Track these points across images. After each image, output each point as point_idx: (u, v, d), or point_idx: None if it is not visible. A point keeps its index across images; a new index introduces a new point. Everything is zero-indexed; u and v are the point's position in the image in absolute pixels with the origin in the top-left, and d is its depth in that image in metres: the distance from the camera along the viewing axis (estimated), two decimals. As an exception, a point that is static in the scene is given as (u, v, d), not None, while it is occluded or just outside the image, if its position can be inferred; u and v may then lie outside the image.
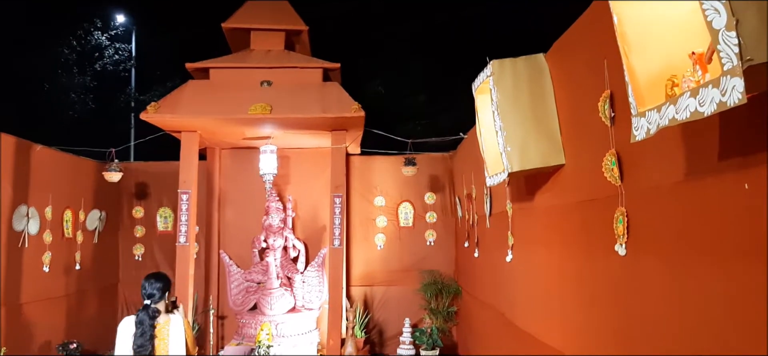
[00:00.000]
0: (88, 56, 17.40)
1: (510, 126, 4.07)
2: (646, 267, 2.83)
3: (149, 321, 4.08)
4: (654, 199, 2.76)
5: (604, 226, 3.25)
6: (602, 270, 3.34)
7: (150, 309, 4.13)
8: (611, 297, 3.24)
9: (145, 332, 4.04)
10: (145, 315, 4.09)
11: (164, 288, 4.24)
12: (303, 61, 7.76)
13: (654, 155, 2.72)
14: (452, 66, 12.78)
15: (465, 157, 7.92)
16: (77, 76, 16.97)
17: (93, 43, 17.65)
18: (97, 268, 9.08)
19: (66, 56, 16.78)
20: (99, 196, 9.09)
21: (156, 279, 4.24)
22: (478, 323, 7.34)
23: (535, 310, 4.75)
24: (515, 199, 5.24)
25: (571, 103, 3.82)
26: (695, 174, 2.36)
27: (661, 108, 2.03)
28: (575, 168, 3.81)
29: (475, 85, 4.67)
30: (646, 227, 2.85)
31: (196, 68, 7.67)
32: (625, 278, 3.05)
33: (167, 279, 4.33)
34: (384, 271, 9.47)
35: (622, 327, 3.10)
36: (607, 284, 3.29)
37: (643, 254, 2.86)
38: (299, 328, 8.21)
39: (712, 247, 2.25)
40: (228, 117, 7.14)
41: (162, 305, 4.22)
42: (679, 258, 2.52)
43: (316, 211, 9.09)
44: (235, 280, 8.64)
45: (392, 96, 13.62)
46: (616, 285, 3.16)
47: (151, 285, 4.19)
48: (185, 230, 7.61)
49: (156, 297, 4.17)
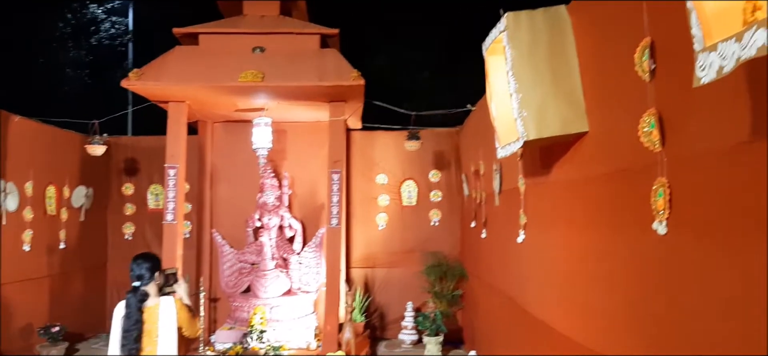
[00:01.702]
0: (84, 30, 17.02)
1: (526, 88, 3.56)
2: (693, 249, 2.32)
3: (137, 304, 3.84)
4: (704, 167, 2.24)
5: (638, 201, 2.74)
6: (635, 251, 2.83)
7: (138, 292, 3.88)
8: (647, 284, 2.73)
9: (131, 315, 3.83)
10: (133, 298, 3.84)
11: (154, 268, 3.97)
12: (299, 27, 7.22)
13: (706, 113, 2.21)
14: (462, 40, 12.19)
15: (473, 130, 7.41)
16: (72, 51, 16.60)
17: (88, 17, 17.27)
18: (83, 247, 8.64)
19: (61, 30, 16.40)
20: (85, 172, 8.62)
21: (144, 260, 3.98)
22: (485, 308, 6.87)
23: (551, 297, 4.26)
24: (529, 174, 4.73)
25: (599, 59, 3.30)
26: (760, 135, 1.85)
27: (742, 35, 1.51)
28: (602, 134, 3.29)
29: (486, 45, 4.15)
30: (693, 201, 2.34)
31: (185, 34, 7.15)
32: (665, 261, 2.55)
33: (156, 259, 4.09)
34: (386, 252, 9.01)
35: (660, 320, 2.60)
36: (641, 268, 2.78)
37: (689, 233, 2.35)
38: (295, 312, 7.76)
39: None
40: (217, 85, 6.62)
41: (152, 287, 3.95)
42: (735, 239, 2.02)
43: (315, 189, 8.60)
44: (227, 261, 8.18)
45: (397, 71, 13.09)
46: (654, 269, 2.66)
47: (139, 267, 3.93)
48: (173, 207, 7.12)
49: (145, 278, 3.91)
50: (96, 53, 16.84)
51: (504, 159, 5.34)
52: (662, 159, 2.53)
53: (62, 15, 16.47)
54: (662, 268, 2.58)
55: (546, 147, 4.09)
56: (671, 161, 2.49)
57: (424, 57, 13.43)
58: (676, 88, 2.42)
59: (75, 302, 8.40)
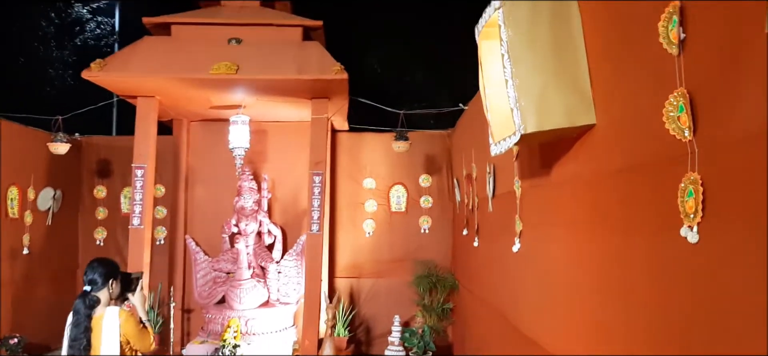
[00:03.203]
0: (68, 30, 16.56)
1: (524, 73, 3.04)
2: (733, 262, 1.81)
3: (85, 310, 3.65)
4: (748, 159, 1.73)
5: (661, 202, 2.23)
6: (658, 265, 2.31)
7: (87, 298, 3.69)
8: (673, 305, 2.21)
9: (80, 323, 3.62)
10: (81, 303, 3.67)
11: (109, 275, 3.79)
12: (279, 18, 6.71)
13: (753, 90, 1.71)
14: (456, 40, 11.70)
15: (465, 131, 6.91)
16: (55, 50, 16.13)
17: (73, 16, 16.82)
18: (50, 253, 8.07)
19: (44, 29, 15.93)
20: (53, 173, 8.06)
21: (99, 265, 3.83)
22: (477, 324, 6.34)
23: (549, 316, 3.75)
24: (525, 175, 4.22)
25: (611, 34, 2.79)
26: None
27: None
28: (614, 124, 2.78)
29: (479, 27, 3.64)
30: (733, 202, 1.84)
31: (156, 24, 6.64)
32: (696, 276, 2.04)
33: (114, 266, 3.86)
34: (373, 261, 8.46)
35: (689, 348, 2.09)
36: (665, 285, 2.27)
37: (728, 242, 1.85)
38: (273, 325, 7.21)
39: None
40: (186, 77, 6.09)
41: (104, 294, 3.75)
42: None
43: (297, 193, 8.07)
44: (201, 269, 7.64)
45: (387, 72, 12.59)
46: (682, 286, 2.14)
47: (92, 271, 3.79)
48: (139, 211, 6.60)
49: (98, 284, 3.74)
50: (80, 53, 16.31)
51: (498, 159, 4.86)
52: (693, 150, 2.02)
53: (46, 14, 16.00)
54: (692, 285, 2.07)
55: (546, 143, 3.59)
56: (705, 153, 1.98)
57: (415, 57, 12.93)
58: (713, 61, 1.92)
59: (40, 311, 7.81)
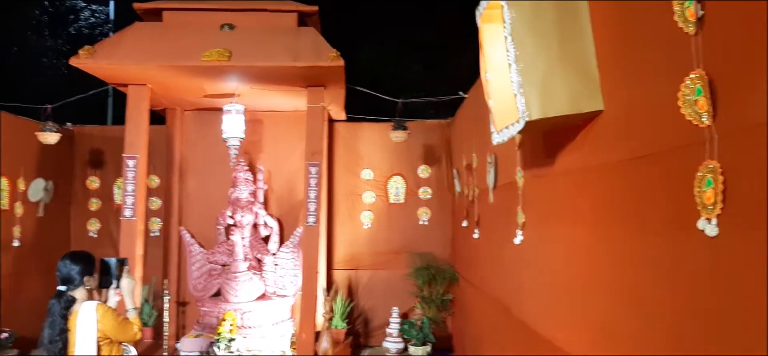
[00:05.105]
0: (62, 18, 16.37)
1: (528, 57, 2.88)
2: (755, 256, 1.66)
3: (61, 310, 3.39)
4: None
5: (676, 192, 2.08)
6: (672, 258, 2.16)
7: (63, 298, 3.40)
8: (687, 301, 2.06)
9: (55, 324, 3.38)
10: (56, 304, 3.41)
11: (85, 271, 3.51)
12: (273, 4, 6.52)
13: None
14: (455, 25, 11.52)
15: (465, 120, 6.75)
16: (49, 39, 15.95)
17: (67, 5, 16.64)
18: (41, 246, 7.89)
19: (37, 17, 15.75)
20: (44, 164, 7.89)
21: (73, 260, 3.52)
22: (477, 316, 6.21)
23: (554, 309, 3.60)
24: (528, 165, 4.07)
25: (621, 14, 2.63)
26: None
27: None
28: (624, 109, 2.61)
29: (480, 10, 3.48)
30: (756, 192, 1.68)
31: (148, 10, 6.46)
32: (714, 271, 1.89)
33: (89, 259, 3.57)
34: (371, 253, 8.32)
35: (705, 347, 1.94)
36: (680, 280, 2.12)
37: (750, 235, 1.69)
38: (269, 318, 7.08)
39: None
40: (177, 64, 5.92)
41: (80, 292, 3.45)
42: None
43: (293, 184, 7.91)
44: (196, 261, 7.50)
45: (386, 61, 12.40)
46: (698, 282, 1.99)
47: (66, 267, 3.48)
48: (131, 202, 6.45)
49: (75, 281, 3.47)
50: (74, 42, 16.11)
51: (499, 149, 4.70)
52: (712, 136, 1.87)
53: (39, 2, 15.81)
54: (710, 281, 1.92)
55: (550, 131, 3.42)
56: (725, 139, 1.82)
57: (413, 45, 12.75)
58: (734, 40, 1.77)
59: (31, 305, 7.63)
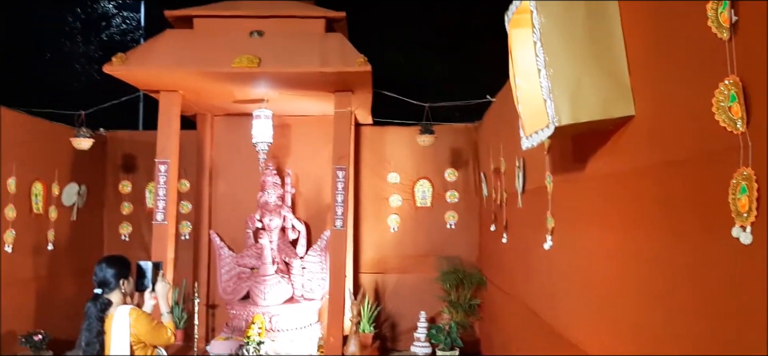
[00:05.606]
0: (94, 25, 16.66)
1: (559, 62, 2.86)
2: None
3: (98, 314, 3.44)
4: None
5: (709, 199, 2.05)
6: (705, 266, 2.14)
7: (98, 301, 3.46)
8: (721, 309, 2.04)
9: (92, 327, 3.43)
10: (93, 307, 3.46)
11: (120, 274, 3.56)
12: (301, 10, 6.58)
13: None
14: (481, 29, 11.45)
15: (493, 124, 6.72)
16: (81, 46, 16.24)
17: (99, 12, 16.92)
18: (75, 249, 8.04)
19: (70, 24, 16.04)
20: (78, 168, 8.03)
21: (109, 264, 3.59)
22: (506, 321, 6.18)
23: (584, 313, 3.58)
24: (557, 170, 4.05)
25: (652, 19, 2.60)
26: None
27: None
28: (656, 115, 2.59)
29: (509, 15, 3.47)
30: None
31: (178, 17, 6.56)
32: (748, 280, 1.86)
33: (124, 263, 3.63)
34: (398, 257, 8.31)
35: None
36: (713, 287, 2.09)
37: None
38: (297, 321, 7.13)
39: None
40: (207, 71, 6.00)
41: (116, 295, 3.51)
42: None
43: (320, 188, 7.96)
44: (225, 265, 7.58)
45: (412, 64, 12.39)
46: (732, 289, 1.97)
47: (102, 271, 3.54)
48: (163, 206, 6.54)
49: (110, 285, 3.52)
50: (106, 48, 16.42)
51: (528, 153, 4.68)
52: (746, 143, 1.85)
53: (72, 9, 16.11)
54: (745, 289, 1.90)
55: (579, 136, 3.41)
56: (759, 146, 1.80)
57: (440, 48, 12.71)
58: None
59: (65, 307, 7.79)
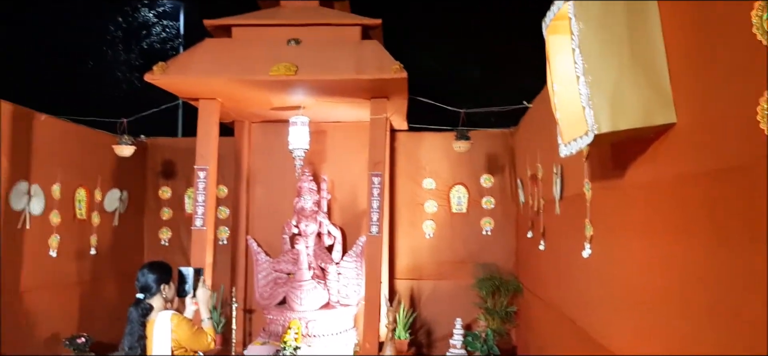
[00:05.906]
0: (135, 33, 17.01)
1: (598, 69, 2.83)
2: None
3: (139, 318, 3.57)
4: None
5: (755, 207, 2.01)
6: (754, 276, 2.09)
7: (140, 306, 3.58)
8: None
9: (134, 332, 3.57)
10: (135, 311, 3.59)
11: (161, 280, 3.68)
12: (338, 18, 6.63)
13: None
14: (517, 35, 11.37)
15: (529, 130, 6.67)
16: (123, 54, 16.59)
17: (140, 20, 17.26)
18: (116, 254, 8.23)
19: (111, 33, 16.40)
20: (119, 175, 8.22)
21: (151, 270, 3.71)
22: (543, 329, 6.12)
23: (623, 322, 3.52)
24: (596, 177, 3.99)
25: (694, 26, 2.56)
26: None
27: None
28: (698, 122, 2.54)
29: (547, 21, 3.44)
30: None
31: (217, 26, 6.67)
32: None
33: (166, 269, 3.74)
34: (433, 263, 8.29)
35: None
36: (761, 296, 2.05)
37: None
38: (333, 327, 7.15)
39: None
40: (246, 78, 6.07)
41: (158, 300, 3.63)
42: None
43: (356, 194, 7.99)
44: (262, 270, 7.67)
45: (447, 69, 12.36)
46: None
47: (144, 276, 3.67)
48: (202, 212, 6.64)
49: (152, 290, 3.65)
50: (147, 57, 16.76)
51: (566, 160, 4.63)
52: (795, 151, 1.81)
53: (113, 18, 16.47)
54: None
55: (618, 144, 3.36)
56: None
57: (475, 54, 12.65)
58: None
59: (107, 311, 7.99)
